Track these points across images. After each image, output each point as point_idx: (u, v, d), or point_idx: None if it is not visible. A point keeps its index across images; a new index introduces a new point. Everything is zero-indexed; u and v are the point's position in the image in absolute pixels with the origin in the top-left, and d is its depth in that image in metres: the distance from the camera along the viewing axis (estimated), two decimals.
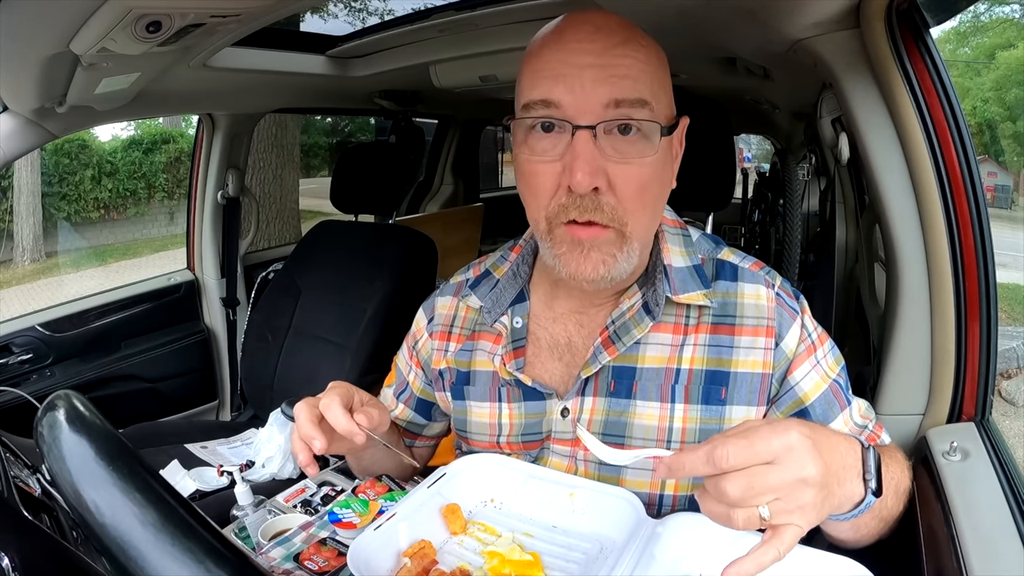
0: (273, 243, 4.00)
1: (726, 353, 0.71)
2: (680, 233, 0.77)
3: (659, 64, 0.66)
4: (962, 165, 0.81)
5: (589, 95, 0.60)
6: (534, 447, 0.79)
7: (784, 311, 0.72)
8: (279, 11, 1.08)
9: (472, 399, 0.82)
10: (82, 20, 0.88)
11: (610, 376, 0.73)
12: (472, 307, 0.83)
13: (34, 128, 1.45)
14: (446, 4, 1.34)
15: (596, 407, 0.73)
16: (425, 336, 0.88)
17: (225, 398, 2.26)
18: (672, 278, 0.71)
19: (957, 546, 0.64)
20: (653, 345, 0.72)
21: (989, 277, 0.83)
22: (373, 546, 0.66)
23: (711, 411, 0.71)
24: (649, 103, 0.62)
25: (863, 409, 0.76)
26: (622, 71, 0.61)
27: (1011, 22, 7.44)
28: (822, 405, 0.72)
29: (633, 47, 0.62)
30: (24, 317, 1.84)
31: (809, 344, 0.72)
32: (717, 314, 0.72)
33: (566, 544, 0.70)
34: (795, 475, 0.47)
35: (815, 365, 0.72)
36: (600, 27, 0.62)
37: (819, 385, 0.72)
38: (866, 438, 0.74)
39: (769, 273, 0.75)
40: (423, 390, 0.91)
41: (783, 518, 0.47)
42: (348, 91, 2.00)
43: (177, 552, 0.40)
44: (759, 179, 3.98)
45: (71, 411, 0.48)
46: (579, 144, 0.60)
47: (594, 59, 0.60)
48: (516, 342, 0.78)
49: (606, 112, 0.61)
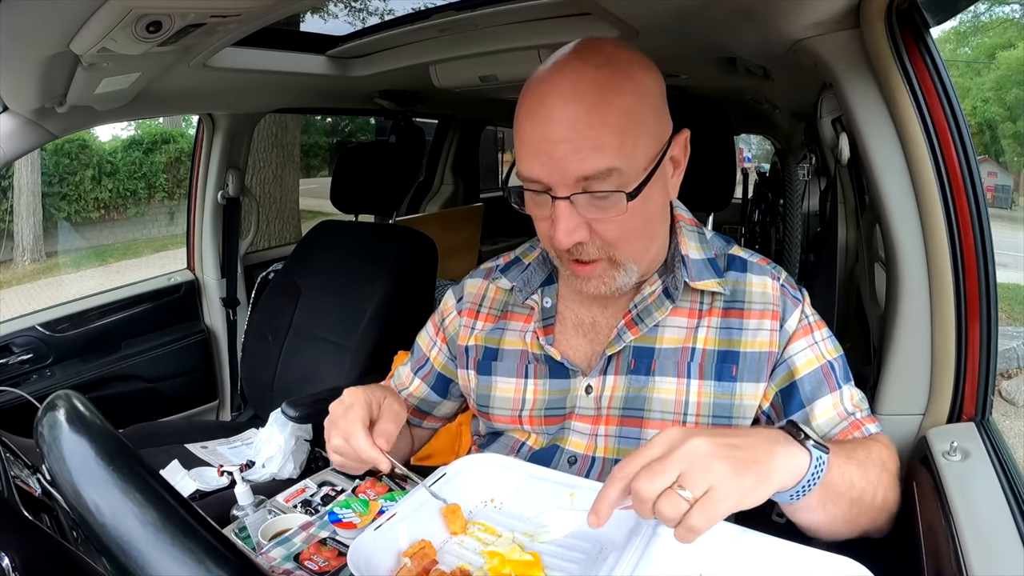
0: (273, 243, 4.00)
1: (736, 334, 0.77)
2: (696, 231, 0.83)
3: (635, 114, 0.67)
4: (962, 165, 0.81)
5: (562, 171, 0.66)
6: (555, 422, 0.83)
7: (788, 299, 0.79)
8: (279, 11, 1.08)
9: (499, 374, 0.86)
10: (82, 20, 0.88)
11: (631, 356, 0.79)
12: (502, 288, 0.89)
13: (34, 128, 1.45)
14: (446, 4, 1.34)
15: (617, 384, 0.79)
16: (453, 313, 0.93)
17: (225, 398, 2.26)
18: (689, 267, 0.78)
19: (957, 546, 0.64)
20: (671, 328, 0.79)
21: (989, 277, 0.83)
22: (373, 546, 0.66)
23: (723, 387, 0.77)
24: (617, 168, 0.66)
25: (856, 399, 0.77)
26: (590, 142, 0.65)
27: (1011, 22, 7.44)
28: (811, 382, 0.76)
29: (601, 112, 0.65)
30: (24, 317, 1.84)
31: (806, 325, 0.78)
32: (728, 300, 0.78)
33: (566, 544, 0.70)
34: (689, 452, 0.53)
35: (812, 344, 0.77)
36: (570, 96, 0.65)
37: (811, 362, 0.76)
38: (850, 424, 0.75)
39: (775, 268, 0.82)
40: (445, 365, 0.94)
41: (698, 488, 0.52)
42: (348, 91, 2.00)
43: (177, 552, 0.40)
44: (759, 179, 3.98)
45: (71, 411, 0.48)
46: (558, 210, 0.68)
47: (566, 132, 0.65)
48: (546, 320, 0.84)
49: (577, 185, 0.66)
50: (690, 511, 0.52)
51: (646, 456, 0.55)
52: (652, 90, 0.69)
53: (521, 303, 0.85)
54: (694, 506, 0.52)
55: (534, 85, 0.68)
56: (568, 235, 0.68)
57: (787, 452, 0.58)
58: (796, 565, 0.60)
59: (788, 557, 0.61)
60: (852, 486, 0.66)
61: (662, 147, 0.71)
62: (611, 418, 0.79)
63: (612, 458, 0.79)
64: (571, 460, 0.81)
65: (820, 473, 0.60)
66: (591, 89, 0.65)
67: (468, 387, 0.90)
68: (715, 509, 0.52)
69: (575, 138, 0.65)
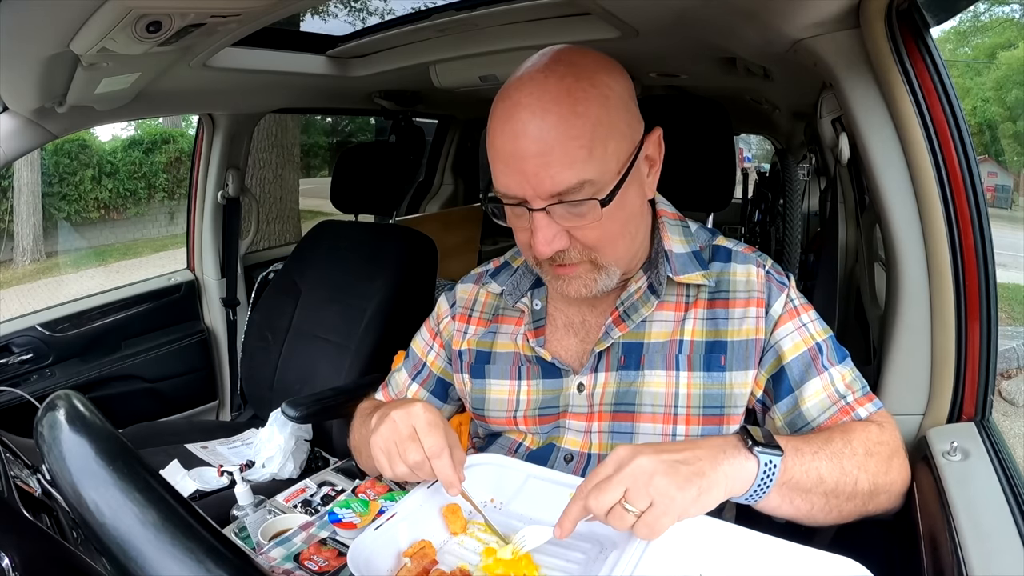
0: (273, 243, 4.01)
1: (722, 324, 0.78)
2: (680, 224, 0.83)
3: (602, 120, 0.67)
4: (962, 165, 0.81)
5: (535, 186, 0.67)
6: (549, 421, 0.83)
7: (773, 284, 0.79)
8: (279, 11, 1.08)
9: (492, 377, 0.87)
10: (82, 20, 0.88)
11: (620, 352, 0.79)
12: (492, 292, 0.90)
13: (34, 128, 1.45)
14: (446, 4, 1.34)
15: (608, 381, 0.80)
16: (448, 318, 0.94)
17: (225, 398, 2.26)
18: (673, 262, 0.79)
19: (957, 546, 0.64)
20: (658, 322, 0.79)
21: (989, 277, 0.83)
22: (373, 546, 0.66)
23: (713, 377, 0.77)
24: (588, 180, 0.67)
25: (848, 379, 0.77)
26: (559, 157, 0.65)
27: (1011, 22, 7.44)
28: (799, 366, 0.76)
29: (568, 123, 0.65)
30: (24, 317, 1.84)
31: (792, 308, 0.78)
32: (713, 291, 0.79)
33: (566, 544, 0.70)
34: (633, 470, 0.58)
35: (799, 327, 0.77)
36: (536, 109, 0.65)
37: (799, 346, 0.77)
38: (840, 409, 0.75)
39: (760, 256, 0.82)
40: (443, 369, 0.95)
41: (642, 503, 0.57)
42: (348, 91, 2.00)
43: (177, 552, 0.40)
44: (759, 179, 3.99)
45: (71, 411, 0.48)
46: (536, 221, 0.69)
47: (535, 147, 0.65)
48: (536, 322, 0.85)
49: (551, 198, 0.68)
50: (636, 524, 0.58)
51: (598, 475, 0.60)
52: (619, 93, 0.69)
53: (511, 306, 0.87)
54: (639, 519, 0.58)
55: (502, 99, 0.69)
56: (547, 244, 0.70)
57: (733, 461, 0.62)
58: (796, 565, 0.60)
59: (788, 557, 0.61)
60: (821, 481, 0.67)
61: (634, 148, 0.71)
62: (603, 414, 0.80)
63: (607, 454, 0.79)
64: (567, 458, 0.82)
65: (771, 476, 0.63)
66: (556, 100, 0.65)
67: (464, 391, 0.91)
68: (656, 522, 0.57)
69: (544, 152, 0.65)
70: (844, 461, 0.69)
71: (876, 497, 0.71)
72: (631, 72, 0.75)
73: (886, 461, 0.72)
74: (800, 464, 0.66)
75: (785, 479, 0.65)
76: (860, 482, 0.69)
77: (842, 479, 0.68)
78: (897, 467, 0.73)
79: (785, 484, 0.65)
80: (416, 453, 0.69)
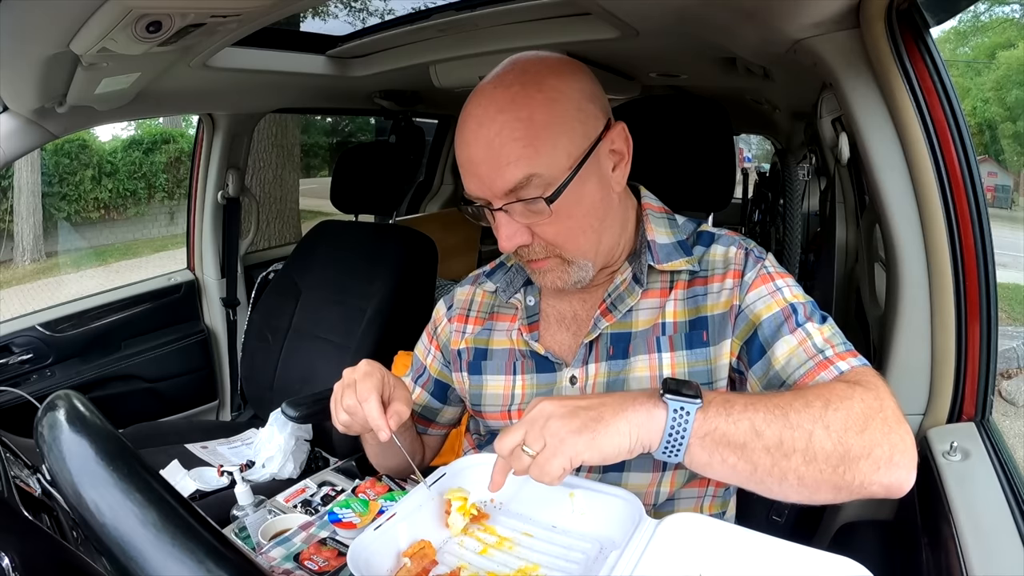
0: (273, 243, 4.00)
1: (702, 301, 0.79)
2: (665, 217, 0.85)
3: (546, 121, 0.70)
4: (962, 165, 0.81)
5: (490, 188, 0.72)
6: None
7: (751, 258, 0.79)
8: (279, 11, 1.08)
9: (488, 373, 0.88)
10: (82, 20, 0.88)
11: (608, 342, 0.81)
12: (488, 291, 0.92)
13: (34, 128, 1.45)
14: (446, 4, 1.34)
15: (599, 371, 0.81)
16: (444, 321, 0.96)
17: (225, 398, 2.26)
18: (656, 252, 0.80)
19: (957, 546, 0.64)
20: (644, 311, 0.81)
21: (989, 277, 0.83)
22: (373, 546, 0.66)
23: (696, 354, 0.77)
24: (536, 174, 0.70)
25: (827, 334, 0.72)
26: (504, 159, 0.70)
27: (1011, 22, 7.45)
28: (771, 325, 0.73)
29: (511, 128, 0.69)
30: (24, 317, 1.84)
31: (765, 274, 0.77)
32: (692, 272, 0.80)
33: (566, 544, 0.70)
34: (534, 415, 0.62)
35: (773, 292, 0.76)
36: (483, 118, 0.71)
37: (771, 307, 0.75)
38: (817, 364, 0.69)
39: (744, 239, 0.82)
40: (440, 372, 0.97)
41: (537, 445, 0.60)
42: (348, 91, 2.00)
43: (177, 552, 0.40)
44: (759, 179, 3.99)
45: (71, 411, 0.48)
46: (497, 220, 0.74)
47: (483, 153, 0.71)
48: (530, 317, 0.87)
49: (508, 196, 0.72)
50: (531, 465, 0.60)
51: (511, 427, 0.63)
52: (568, 94, 0.72)
53: (506, 303, 0.89)
54: (533, 460, 0.60)
55: (463, 110, 0.74)
56: (508, 240, 0.74)
57: (639, 409, 0.61)
58: (796, 565, 0.60)
59: (788, 557, 0.61)
60: (757, 434, 0.60)
61: (590, 143, 0.73)
62: None
63: None
64: None
65: (684, 426, 0.59)
66: (501, 109, 0.70)
67: (463, 389, 0.92)
68: (547, 463, 0.59)
69: (491, 157, 0.70)
70: (790, 413, 0.61)
71: (851, 463, 0.60)
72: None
73: (860, 419, 0.62)
74: (727, 414, 0.60)
75: (706, 430, 0.60)
76: (817, 438, 0.60)
77: (787, 433, 0.60)
78: (879, 429, 0.62)
79: (708, 436, 0.60)
80: (349, 398, 0.76)
